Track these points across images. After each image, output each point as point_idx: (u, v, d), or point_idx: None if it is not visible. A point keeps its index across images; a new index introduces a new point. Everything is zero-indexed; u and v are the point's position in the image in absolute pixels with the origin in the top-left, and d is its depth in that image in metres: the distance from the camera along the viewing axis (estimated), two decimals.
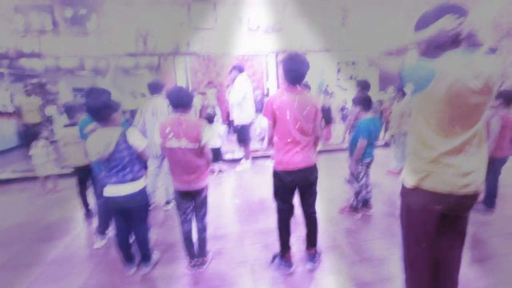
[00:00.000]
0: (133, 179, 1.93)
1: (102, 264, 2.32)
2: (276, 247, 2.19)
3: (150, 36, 4.52)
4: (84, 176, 2.88)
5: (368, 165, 2.83)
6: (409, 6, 5.22)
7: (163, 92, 3.05)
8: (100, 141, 1.85)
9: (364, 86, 3.33)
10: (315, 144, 2.01)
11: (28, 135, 5.53)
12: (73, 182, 3.07)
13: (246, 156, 4.78)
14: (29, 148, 3.84)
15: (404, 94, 3.96)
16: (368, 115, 2.72)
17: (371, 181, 2.96)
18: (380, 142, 5.47)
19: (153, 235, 2.64)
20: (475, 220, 2.68)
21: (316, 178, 2.02)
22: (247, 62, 9.96)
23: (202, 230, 2.16)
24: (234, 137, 4.71)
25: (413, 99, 1.19)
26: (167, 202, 3.30)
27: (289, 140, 1.88)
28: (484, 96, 1.08)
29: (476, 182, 1.17)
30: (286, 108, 1.84)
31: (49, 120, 7.55)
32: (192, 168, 1.96)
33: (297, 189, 2.02)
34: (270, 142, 2.02)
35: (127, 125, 3.18)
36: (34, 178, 4.17)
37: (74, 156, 2.85)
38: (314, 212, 2.09)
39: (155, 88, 2.99)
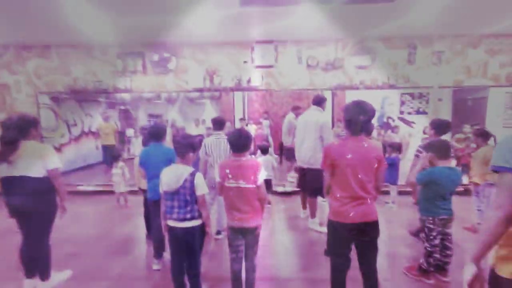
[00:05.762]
0: (191, 218, 2.06)
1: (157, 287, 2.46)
2: None
3: (216, 74, 5.05)
4: None
5: (445, 224, 2.36)
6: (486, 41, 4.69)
7: (225, 128, 3.34)
8: (173, 175, 2.05)
9: (439, 128, 2.77)
10: (376, 197, 1.86)
11: (109, 155, 6.58)
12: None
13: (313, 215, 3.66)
14: (109, 165, 4.48)
15: (487, 137, 3.38)
16: (444, 163, 2.33)
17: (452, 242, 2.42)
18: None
19: (202, 268, 2.72)
20: None
21: (377, 235, 1.84)
22: (304, 97, 10.04)
23: (251, 270, 2.13)
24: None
25: None
26: (218, 232, 3.40)
27: (347, 192, 1.78)
28: None
29: None
30: (345, 159, 1.75)
31: (128, 140, 8.89)
32: (247, 207, 2.00)
33: (354, 243, 1.87)
34: (327, 192, 1.95)
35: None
36: (112, 192, 4.82)
37: (141, 179, 3.16)
38: (375, 273, 1.87)
39: (218, 124, 3.26)
